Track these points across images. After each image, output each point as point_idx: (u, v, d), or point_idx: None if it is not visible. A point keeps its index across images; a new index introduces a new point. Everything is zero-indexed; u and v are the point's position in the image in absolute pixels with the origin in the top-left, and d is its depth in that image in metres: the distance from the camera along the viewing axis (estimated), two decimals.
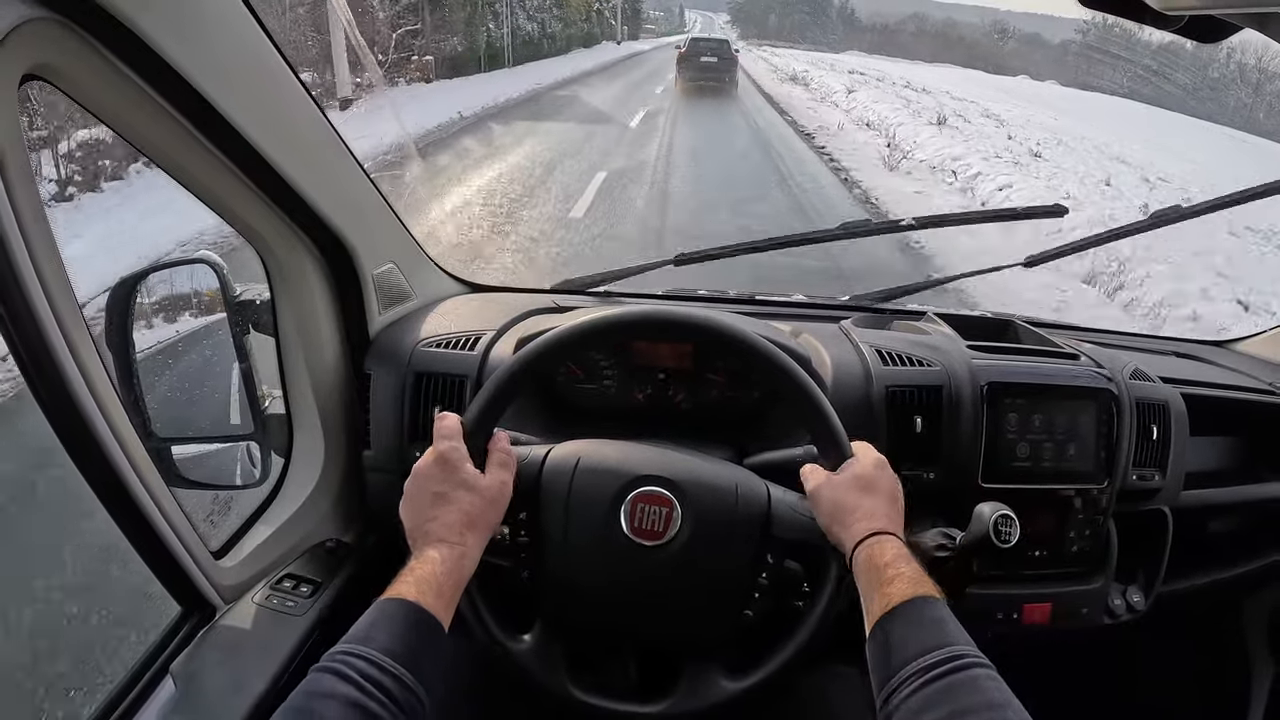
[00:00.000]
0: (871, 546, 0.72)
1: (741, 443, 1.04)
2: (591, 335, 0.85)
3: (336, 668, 0.59)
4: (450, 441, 0.77)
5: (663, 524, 0.82)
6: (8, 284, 0.63)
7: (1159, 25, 0.77)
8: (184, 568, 0.86)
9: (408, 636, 0.63)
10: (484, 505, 0.75)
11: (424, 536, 0.72)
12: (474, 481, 0.75)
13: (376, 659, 0.59)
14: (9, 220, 0.61)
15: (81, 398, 0.70)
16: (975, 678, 0.59)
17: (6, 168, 0.61)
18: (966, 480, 1.04)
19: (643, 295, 1.41)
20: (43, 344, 0.66)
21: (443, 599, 0.67)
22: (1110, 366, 1.12)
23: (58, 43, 0.63)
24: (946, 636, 0.63)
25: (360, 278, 1.06)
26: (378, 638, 0.61)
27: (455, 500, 0.74)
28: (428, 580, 0.67)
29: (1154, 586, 1.16)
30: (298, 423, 1.07)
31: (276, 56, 0.84)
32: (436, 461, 0.75)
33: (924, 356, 1.10)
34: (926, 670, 0.60)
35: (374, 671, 0.59)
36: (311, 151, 0.94)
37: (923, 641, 0.63)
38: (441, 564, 0.69)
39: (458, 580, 0.70)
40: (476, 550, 0.74)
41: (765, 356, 0.83)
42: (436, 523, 0.72)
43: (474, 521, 0.74)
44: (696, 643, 0.86)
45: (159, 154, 0.78)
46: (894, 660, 0.63)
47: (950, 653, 0.61)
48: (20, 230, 0.62)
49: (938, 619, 0.65)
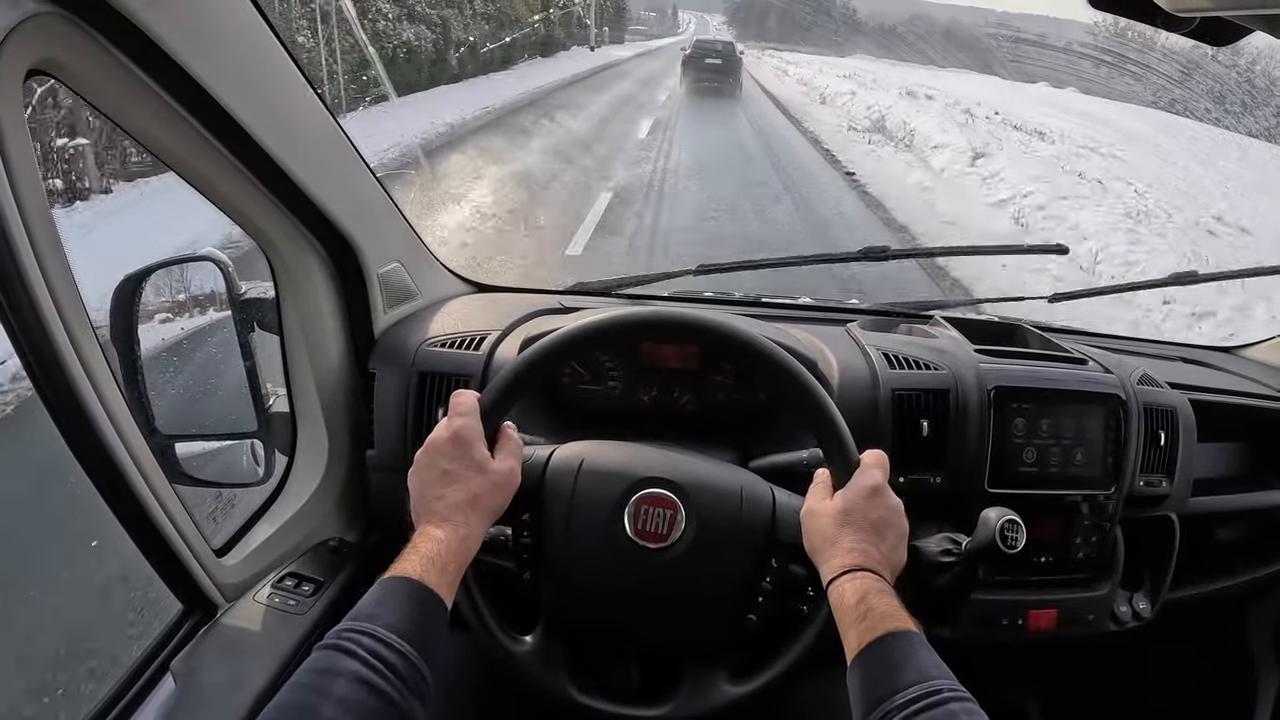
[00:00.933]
0: (842, 585, 0.70)
1: (746, 445, 1.03)
2: (606, 334, 0.84)
3: (343, 644, 0.58)
4: (466, 418, 0.76)
5: (666, 526, 0.81)
6: (11, 279, 0.62)
7: (1169, 27, 0.77)
8: (186, 565, 0.85)
9: (413, 614, 0.62)
10: (491, 489, 0.74)
11: (429, 513, 0.72)
12: (485, 464, 0.75)
13: (383, 636, 0.59)
14: (13, 215, 0.61)
15: (85, 394, 0.70)
16: (951, 713, 0.58)
17: (11, 162, 0.61)
18: (972, 485, 1.03)
19: (648, 297, 1.40)
20: (46, 339, 0.66)
21: (446, 578, 0.67)
22: (1118, 372, 1.11)
23: (63, 37, 0.63)
24: (923, 672, 0.62)
25: (365, 276, 1.06)
26: (384, 615, 0.61)
27: (464, 480, 0.73)
28: (432, 559, 0.67)
29: (1160, 593, 1.15)
30: (301, 421, 1.06)
31: (283, 53, 0.84)
32: (451, 438, 0.75)
33: (931, 360, 1.10)
34: (903, 708, 0.59)
35: (381, 648, 0.58)
36: (317, 149, 0.94)
37: (897, 678, 0.62)
38: (445, 543, 0.68)
39: (461, 561, 0.70)
40: (479, 532, 0.73)
41: (772, 360, 0.82)
42: (443, 501, 0.72)
43: (479, 504, 0.73)
44: (699, 646, 0.85)
45: (164, 150, 0.78)
46: (872, 696, 0.62)
47: (927, 689, 0.60)
48: (24, 225, 0.62)
49: (912, 653, 0.64)
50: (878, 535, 0.74)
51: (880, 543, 0.74)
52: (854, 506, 0.75)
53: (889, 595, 0.69)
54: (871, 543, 0.73)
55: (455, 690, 0.95)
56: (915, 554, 0.79)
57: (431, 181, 7.33)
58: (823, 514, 0.77)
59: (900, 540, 0.76)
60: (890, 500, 0.77)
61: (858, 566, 0.71)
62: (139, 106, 0.72)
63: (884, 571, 0.72)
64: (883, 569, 0.72)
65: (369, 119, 9.36)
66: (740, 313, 1.29)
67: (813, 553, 0.77)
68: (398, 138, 8.28)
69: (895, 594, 0.70)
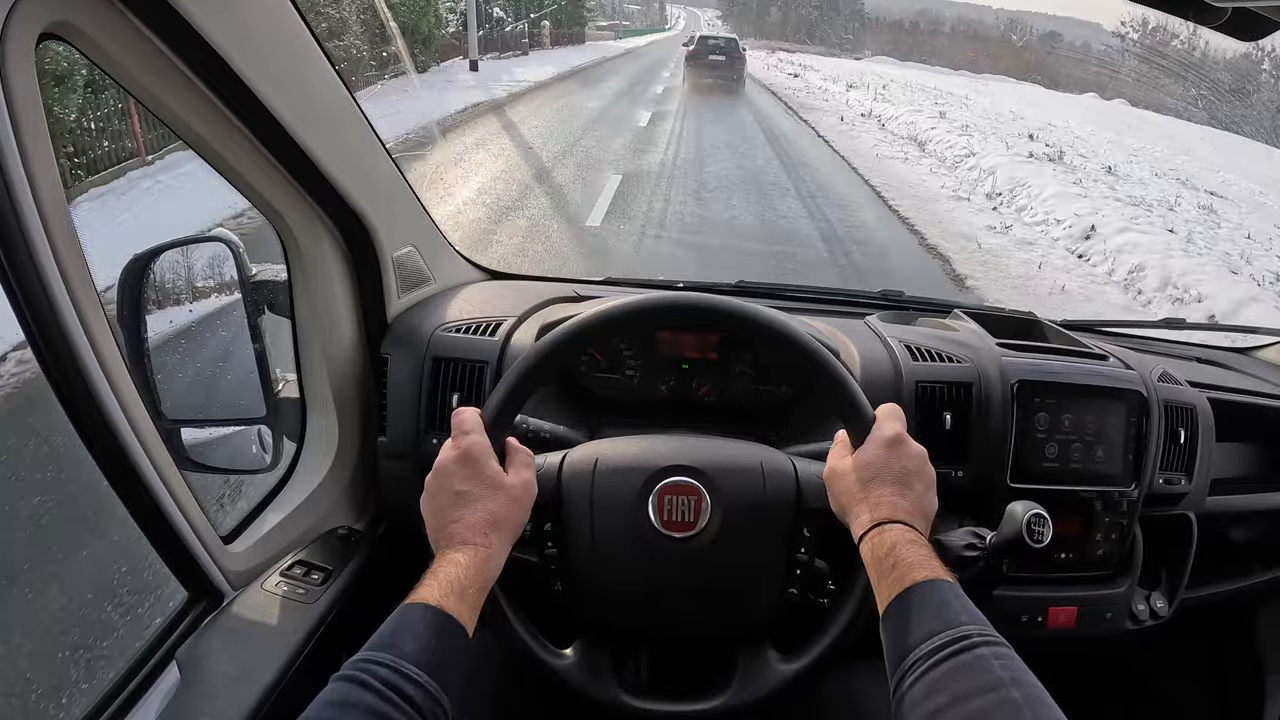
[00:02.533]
0: (872, 539, 0.70)
1: (768, 438, 1.02)
2: (610, 324, 0.82)
3: (358, 675, 0.57)
4: (471, 435, 0.74)
5: (693, 514, 0.79)
6: (21, 257, 0.60)
7: (1201, 21, 0.76)
8: (192, 552, 0.84)
9: (431, 643, 0.61)
10: (509, 504, 0.72)
11: (447, 538, 0.70)
12: (499, 480, 0.73)
13: (399, 666, 0.57)
14: (24, 190, 0.59)
15: (94, 376, 0.68)
16: (980, 658, 0.57)
17: (23, 131, 0.59)
18: (994, 479, 1.02)
19: (661, 285, 1.39)
20: (55, 319, 0.64)
21: (466, 602, 0.65)
22: (1139, 368, 1.10)
23: (77, 1, 0.60)
24: (950, 618, 0.61)
25: (380, 259, 1.04)
26: (400, 644, 0.59)
27: (479, 500, 0.71)
28: (451, 583, 0.65)
29: (1178, 592, 1.14)
30: (311, 407, 1.04)
31: (304, 29, 0.82)
32: (459, 458, 0.73)
33: (954, 353, 1.09)
34: (929, 655, 0.59)
35: (396, 679, 0.57)
36: (335, 128, 0.91)
37: (925, 626, 0.61)
38: (465, 566, 0.67)
39: (482, 583, 0.68)
40: (502, 552, 0.71)
41: (774, 328, 0.81)
42: (460, 524, 0.70)
43: (499, 522, 0.71)
44: (745, 630, 0.83)
45: (178, 123, 0.76)
46: (899, 649, 0.62)
47: (953, 635, 0.59)
48: (35, 201, 0.60)
49: (941, 601, 0.63)
50: (904, 485, 0.73)
51: (908, 492, 0.73)
52: (876, 459, 0.74)
53: (919, 545, 0.68)
54: (899, 493, 0.72)
55: (481, 696, 0.92)
56: (939, 548, 0.77)
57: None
58: (846, 472, 0.75)
59: (929, 487, 0.75)
60: (912, 449, 0.76)
61: (887, 519, 0.70)
62: (154, 75, 0.70)
63: (915, 521, 0.71)
64: (913, 519, 0.71)
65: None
66: (758, 301, 1.27)
67: (841, 512, 0.76)
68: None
69: (927, 544, 0.69)
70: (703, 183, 7.81)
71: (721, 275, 2.05)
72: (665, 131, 10.77)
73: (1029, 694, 0.55)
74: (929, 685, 0.57)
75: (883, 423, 0.77)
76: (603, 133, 10.38)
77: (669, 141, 10.04)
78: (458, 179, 7.25)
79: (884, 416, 0.78)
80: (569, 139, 9.72)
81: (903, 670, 0.60)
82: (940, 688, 0.57)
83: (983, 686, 0.55)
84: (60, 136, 5.23)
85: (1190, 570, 1.15)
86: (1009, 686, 0.55)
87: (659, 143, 9.87)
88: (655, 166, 8.38)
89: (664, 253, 5.63)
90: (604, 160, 8.59)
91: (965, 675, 0.57)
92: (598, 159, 8.66)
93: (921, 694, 0.57)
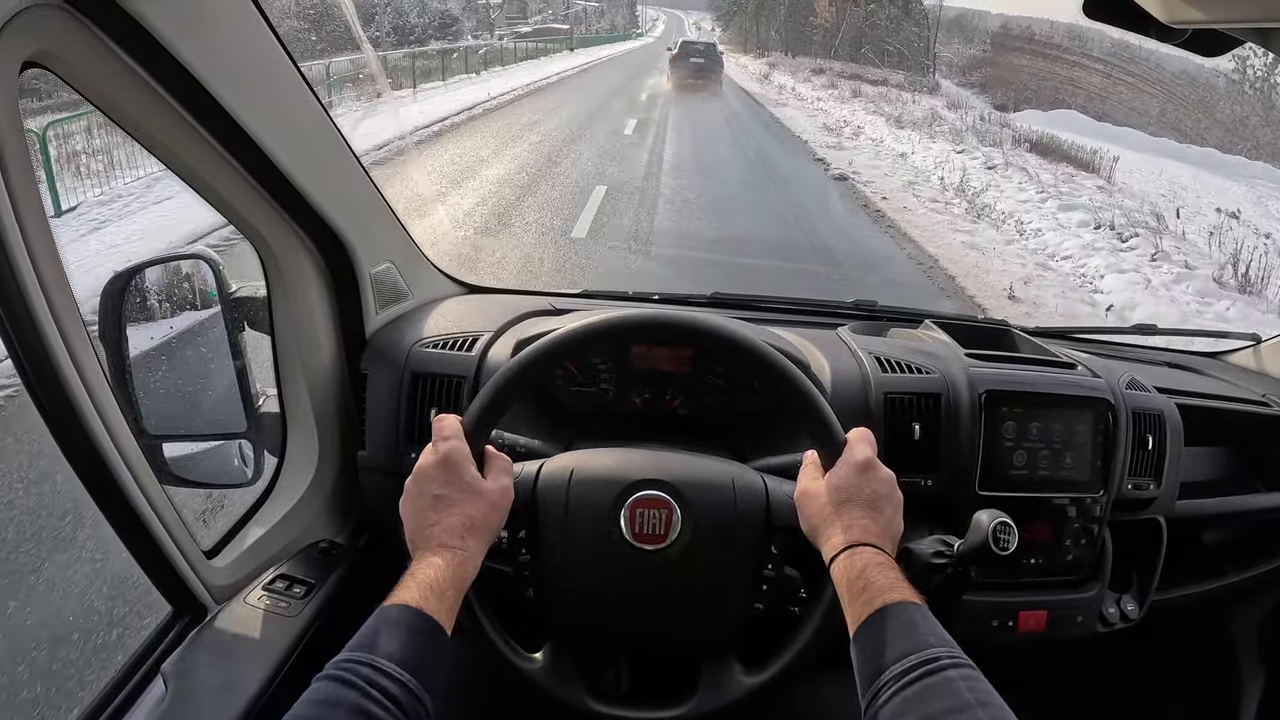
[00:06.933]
0: (844, 561, 0.71)
1: (740, 450, 1.03)
2: (592, 338, 0.84)
3: (341, 675, 0.58)
4: (451, 441, 0.76)
5: (663, 527, 0.81)
6: (3, 275, 0.62)
7: (1162, 38, 0.78)
8: (175, 567, 0.84)
9: (411, 642, 0.62)
10: (487, 509, 0.74)
11: (425, 540, 0.71)
12: (477, 485, 0.75)
13: (382, 665, 0.59)
14: (6, 210, 0.61)
15: (75, 392, 0.69)
16: (949, 679, 0.59)
17: (5, 157, 0.60)
18: (964, 488, 1.04)
19: (637, 297, 1.40)
20: (38, 336, 0.65)
21: (445, 604, 0.66)
22: (1107, 377, 1.12)
23: (60, 29, 0.62)
24: (919, 640, 0.63)
25: (358, 276, 1.06)
26: (383, 645, 0.61)
27: (458, 504, 0.73)
28: (430, 585, 0.66)
29: (1148, 595, 1.16)
30: (292, 422, 1.05)
31: (280, 50, 0.83)
32: (439, 463, 0.74)
33: (922, 364, 1.10)
34: (901, 676, 0.61)
35: (379, 678, 0.58)
36: (312, 147, 0.93)
37: (896, 648, 0.63)
38: (444, 569, 0.68)
39: (459, 585, 0.70)
40: (478, 555, 0.73)
41: (748, 348, 0.83)
42: (438, 527, 0.71)
43: (476, 526, 0.73)
44: (710, 641, 0.85)
45: (158, 146, 0.77)
46: (871, 668, 0.63)
47: (924, 656, 0.61)
48: (17, 220, 0.62)
49: (910, 623, 0.65)
50: (875, 509, 0.75)
51: (879, 516, 0.75)
52: (847, 483, 0.76)
53: (889, 568, 0.70)
54: (870, 517, 0.74)
55: (458, 700, 0.94)
56: (908, 556, 0.79)
57: None
58: (818, 494, 0.77)
59: (897, 511, 0.77)
60: (882, 473, 0.78)
61: (858, 542, 0.72)
62: (134, 100, 0.71)
63: (884, 544, 0.73)
64: (883, 542, 0.73)
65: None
66: (732, 314, 1.29)
67: (811, 533, 0.77)
68: None
69: (896, 567, 0.71)
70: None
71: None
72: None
73: (994, 715, 0.57)
74: (900, 705, 0.59)
75: (854, 446, 0.79)
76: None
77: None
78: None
79: (855, 440, 0.80)
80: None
81: (875, 689, 0.62)
82: (911, 708, 0.59)
83: (950, 708, 0.57)
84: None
85: (1161, 573, 1.17)
86: (975, 708, 0.57)
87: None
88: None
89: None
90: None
91: (934, 696, 0.59)
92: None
93: (892, 714, 0.59)
